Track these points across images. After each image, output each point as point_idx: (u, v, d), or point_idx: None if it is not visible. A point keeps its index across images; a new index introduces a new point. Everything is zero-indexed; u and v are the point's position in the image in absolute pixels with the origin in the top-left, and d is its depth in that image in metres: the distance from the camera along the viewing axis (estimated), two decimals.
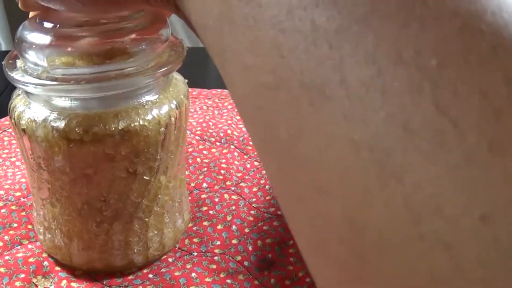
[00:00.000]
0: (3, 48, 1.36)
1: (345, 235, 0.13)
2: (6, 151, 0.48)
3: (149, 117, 0.29)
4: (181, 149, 0.33)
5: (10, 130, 0.51)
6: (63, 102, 0.29)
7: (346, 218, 0.13)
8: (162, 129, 0.30)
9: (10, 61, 0.30)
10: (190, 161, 0.45)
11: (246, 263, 0.35)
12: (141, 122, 0.29)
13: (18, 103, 0.31)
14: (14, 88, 0.32)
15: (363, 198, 0.12)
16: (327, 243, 0.14)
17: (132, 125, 0.29)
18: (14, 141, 0.49)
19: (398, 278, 0.12)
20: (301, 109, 0.13)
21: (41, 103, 0.30)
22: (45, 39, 0.28)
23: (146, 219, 0.33)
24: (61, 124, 0.28)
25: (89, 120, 0.28)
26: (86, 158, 0.29)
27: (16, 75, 0.29)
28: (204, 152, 0.47)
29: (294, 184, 0.14)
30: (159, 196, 0.33)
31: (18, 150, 0.47)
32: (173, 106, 0.30)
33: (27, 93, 0.30)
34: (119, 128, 0.28)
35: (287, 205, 0.15)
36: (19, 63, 0.30)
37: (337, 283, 0.14)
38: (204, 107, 0.55)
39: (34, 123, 0.29)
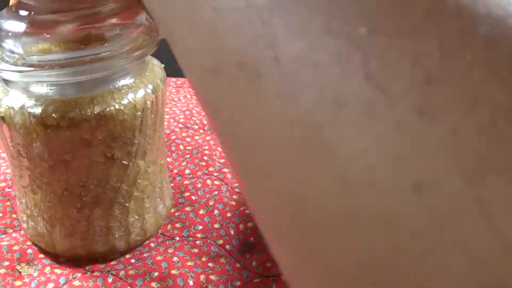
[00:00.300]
0: None
1: (291, 216, 0.12)
2: None
3: (125, 101, 0.29)
4: (159, 134, 0.33)
5: None
6: (40, 88, 0.30)
7: (289, 198, 0.12)
8: (139, 113, 0.30)
9: None
10: (173, 148, 0.46)
11: (228, 247, 0.35)
12: (117, 106, 0.29)
13: None
14: None
15: (300, 176, 0.12)
16: (278, 225, 0.13)
17: (108, 109, 0.29)
18: None
19: (341, 259, 0.11)
20: (240, 90, 0.13)
21: (19, 91, 0.30)
22: (20, 26, 0.29)
23: (127, 204, 0.33)
24: (38, 110, 0.29)
25: (65, 106, 0.29)
26: (63, 143, 0.29)
27: None
28: (187, 139, 0.47)
29: (242, 166, 0.14)
30: (139, 181, 0.33)
31: None
32: (149, 90, 0.31)
33: (6, 81, 0.31)
34: (95, 112, 0.28)
35: (242, 188, 0.15)
36: None
37: (294, 270, 0.13)
38: (188, 96, 0.55)
39: (12, 110, 0.29)
